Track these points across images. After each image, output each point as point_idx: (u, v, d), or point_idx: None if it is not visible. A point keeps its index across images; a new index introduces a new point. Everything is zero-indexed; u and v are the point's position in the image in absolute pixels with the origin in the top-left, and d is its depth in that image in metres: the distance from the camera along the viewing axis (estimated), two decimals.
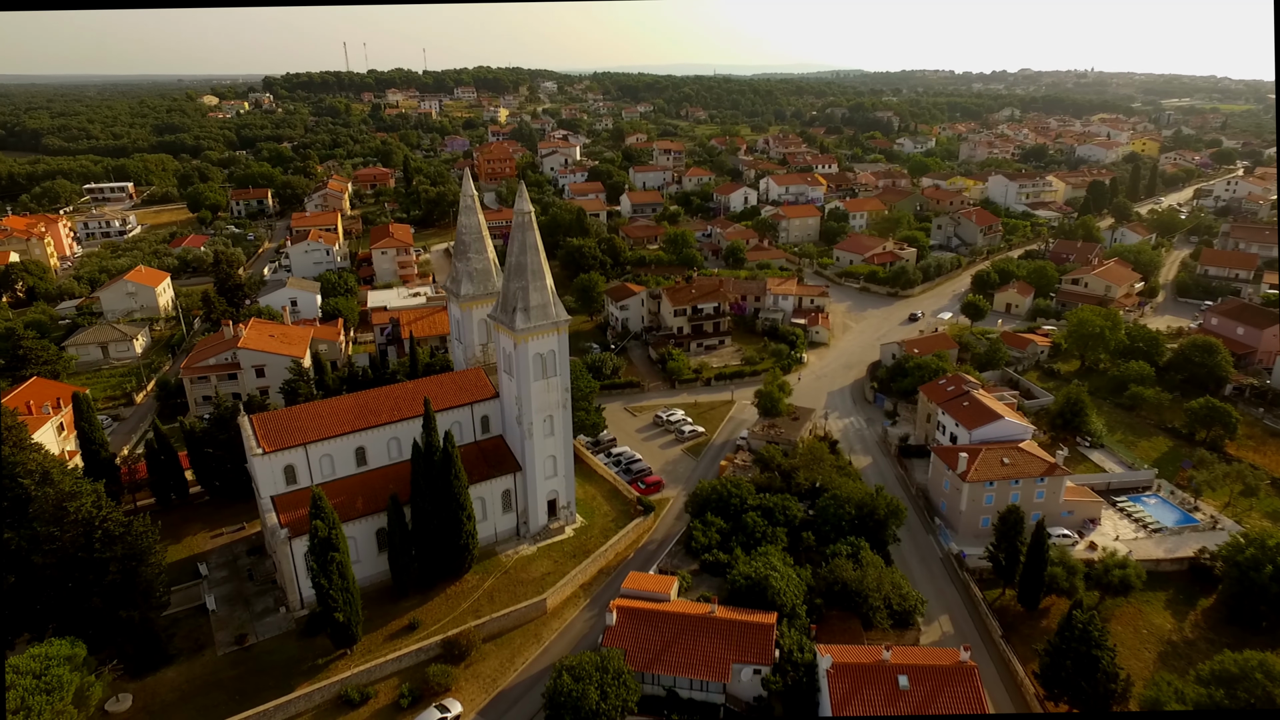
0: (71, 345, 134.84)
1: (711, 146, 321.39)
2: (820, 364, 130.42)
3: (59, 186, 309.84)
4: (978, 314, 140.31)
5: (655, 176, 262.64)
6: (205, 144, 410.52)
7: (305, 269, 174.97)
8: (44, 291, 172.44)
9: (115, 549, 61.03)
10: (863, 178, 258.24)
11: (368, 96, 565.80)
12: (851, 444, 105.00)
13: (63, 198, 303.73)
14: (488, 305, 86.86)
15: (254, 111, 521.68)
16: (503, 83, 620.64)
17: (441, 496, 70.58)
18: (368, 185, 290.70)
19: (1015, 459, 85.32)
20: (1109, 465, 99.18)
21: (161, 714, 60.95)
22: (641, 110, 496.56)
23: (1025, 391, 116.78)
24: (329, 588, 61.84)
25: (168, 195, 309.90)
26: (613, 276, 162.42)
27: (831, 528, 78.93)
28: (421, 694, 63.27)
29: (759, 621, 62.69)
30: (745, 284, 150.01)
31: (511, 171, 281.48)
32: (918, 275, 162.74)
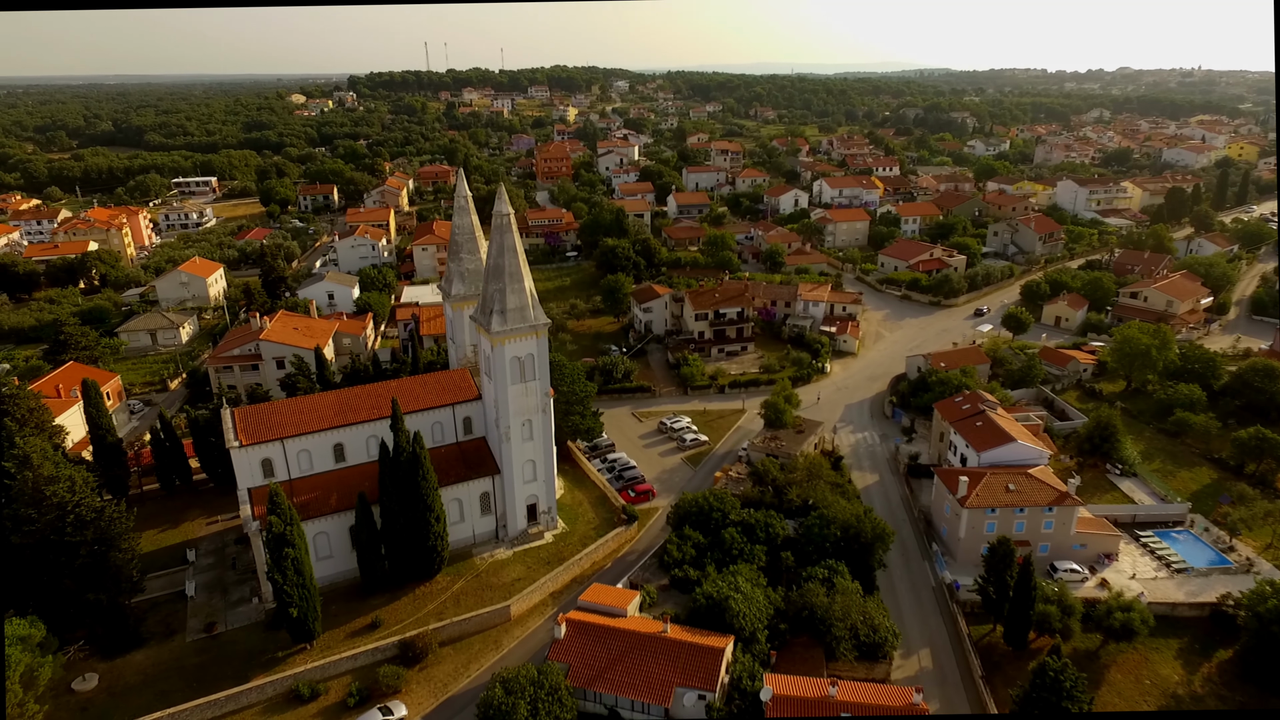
0: (123, 331, 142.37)
1: (772, 147, 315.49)
2: (844, 374, 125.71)
3: (150, 180, 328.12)
4: (1019, 327, 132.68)
5: (709, 177, 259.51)
6: (288, 140, 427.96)
7: (351, 263, 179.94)
8: (114, 279, 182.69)
9: (86, 534, 63.44)
10: (923, 181, 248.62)
11: (445, 95, 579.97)
12: (860, 460, 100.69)
13: (153, 191, 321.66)
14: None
15: (337, 110, 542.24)
16: (576, 82, 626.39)
17: (409, 498, 70.72)
18: (429, 182, 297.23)
19: (1022, 485, 79.87)
20: (1139, 496, 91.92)
21: (122, 696, 63.01)
22: (710, 110, 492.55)
23: (1060, 412, 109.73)
24: (283, 583, 62.67)
25: (246, 190, 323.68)
26: (645, 278, 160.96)
27: (815, 549, 75.58)
28: (371, 694, 63.49)
29: (708, 645, 60.32)
30: (775, 289, 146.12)
31: (567, 171, 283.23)
32: (962, 284, 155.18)
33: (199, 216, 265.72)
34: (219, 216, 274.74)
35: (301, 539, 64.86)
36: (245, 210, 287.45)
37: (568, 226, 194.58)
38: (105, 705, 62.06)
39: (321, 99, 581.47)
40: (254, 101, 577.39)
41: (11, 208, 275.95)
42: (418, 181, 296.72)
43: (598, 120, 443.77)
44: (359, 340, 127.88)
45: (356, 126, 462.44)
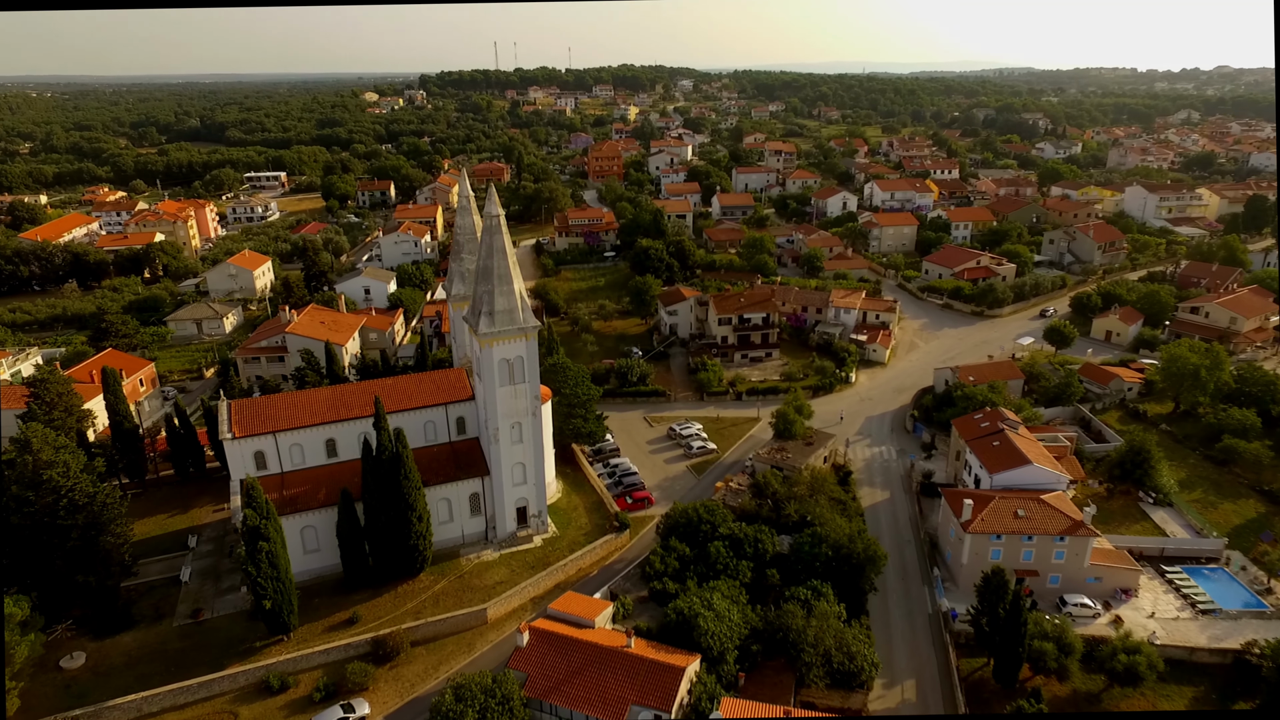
0: (171, 320, 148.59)
1: (829, 148, 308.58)
2: (869, 385, 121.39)
3: (224, 174, 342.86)
4: (1063, 341, 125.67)
5: (759, 178, 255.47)
6: (356, 137, 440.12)
7: (394, 259, 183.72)
8: (174, 270, 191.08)
9: (78, 518, 65.81)
10: (982, 185, 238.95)
11: (511, 94, 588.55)
12: (873, 476, 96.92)
13: (226, 184, 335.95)
14: None
15: (406, 108, 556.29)
16: (641, 81, 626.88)
17: (390, 496, 71.03)
18: (483, 179, 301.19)
19: (1032, 512, 75.23)
20: (1172, 527, 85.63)
21: (105, 676, 65.14)
22: (772, 109, 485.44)
23: (1096, 433, 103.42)
24: (257, 576, 63.65)
25: (312, 185, 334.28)
26: (679, 280, 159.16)
27: (804, 568, 72.85)
28: (338, 690, 64.00)
29: (669, 663, 58.52)
30: (807, 294, 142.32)
31: (618, 170, 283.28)
32: (1008, 294, 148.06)
33: (263, 210, 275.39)
34: (283, 210, 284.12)
35: (279, 533, 65.80)
36: (308, 205, 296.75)
37: (607, 226, 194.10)
38: (88, 684, 64.26)
39: (393, 97, 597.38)
40: (330, 99, 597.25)
41: (99, 199, 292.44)
42: (471, 179, 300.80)
43: (657, 120, 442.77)
44: (384, 335, 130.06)
45: (422, 124, 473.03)
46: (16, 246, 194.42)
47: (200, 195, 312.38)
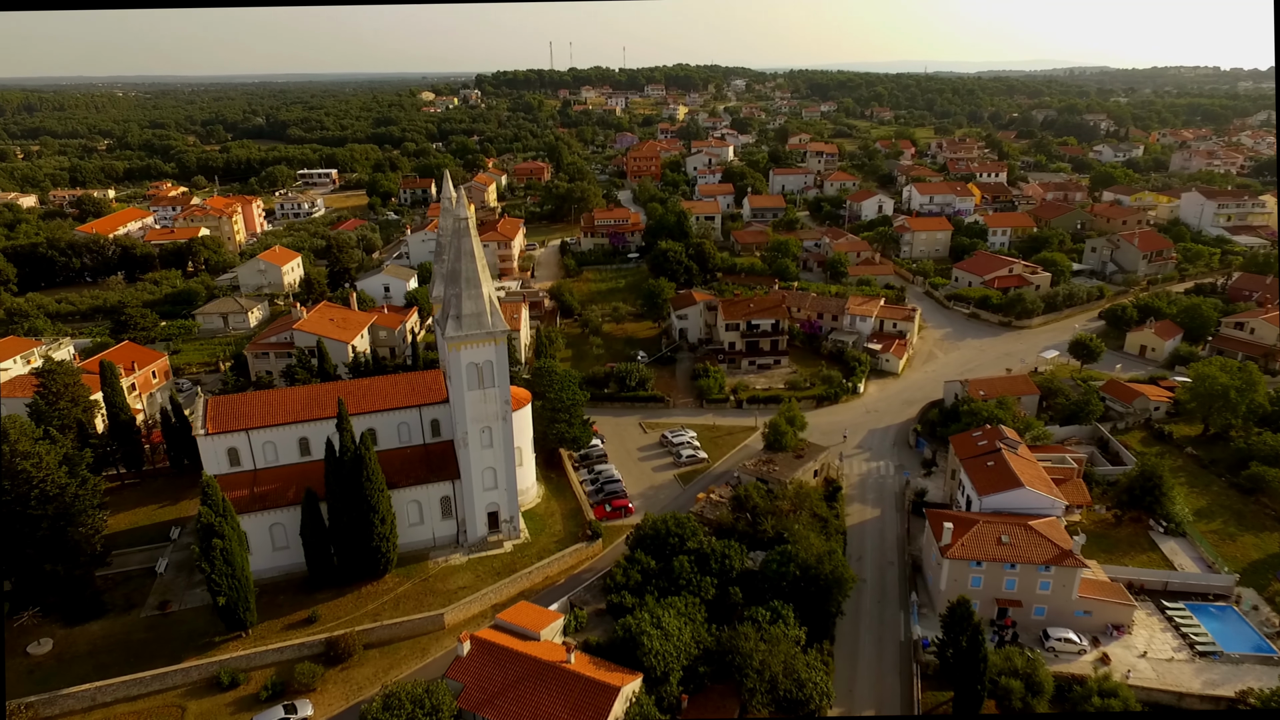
0: (199, 313, 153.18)
1: (874, 149, 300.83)
2: (879, 396, 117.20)
3: (278, 171, 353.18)
4: (1089, 355, 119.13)
5: (796, 180, 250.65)
6: (409, 136, 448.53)
7: (421, 256, 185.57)
8: (214, 264, 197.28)
9: (48, 508, 67.68)
10: (1029, 189, 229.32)
11: (564, 93, 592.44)
12: (865, 492, 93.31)
13: (280, 181, 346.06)
14: None
15: (460, 107, 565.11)
16: (693, 80, 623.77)
17: (353, 497, 71.17)
18: (523, 179, 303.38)
19: (1017, 539, 71.06)
20: (1182, 560, 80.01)
21: (69, 663, 66.85)
22: (824, 109, 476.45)
23: (1114, 455, 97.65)
24: (211, 573, 64.39)
25: (361, 182, 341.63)
26: (697, 283, 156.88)
27: (770, 587, 70.29)
28: (285, 689, 64.28)
29: (605, 682, 56.87)
30: (823, 300, 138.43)
31: (656, 170, 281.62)
32: (1038, 304, 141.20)
33: (310, 206, 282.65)
34: (329, 207, 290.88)
35: (235, 530, 66.44)
36: (353, 201, 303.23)
37: (633, 227, 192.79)
38: (51, 670, 66.03)
39: (449, 96, 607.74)
40: (387, 98, 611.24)
41: (160, 195, 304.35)
42: (512, 178, 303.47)
43: (704, 120, 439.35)
44: (394, 334, 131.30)
45: (473, 123, 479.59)
46: (70, 239, 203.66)
47: (255, 191, 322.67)
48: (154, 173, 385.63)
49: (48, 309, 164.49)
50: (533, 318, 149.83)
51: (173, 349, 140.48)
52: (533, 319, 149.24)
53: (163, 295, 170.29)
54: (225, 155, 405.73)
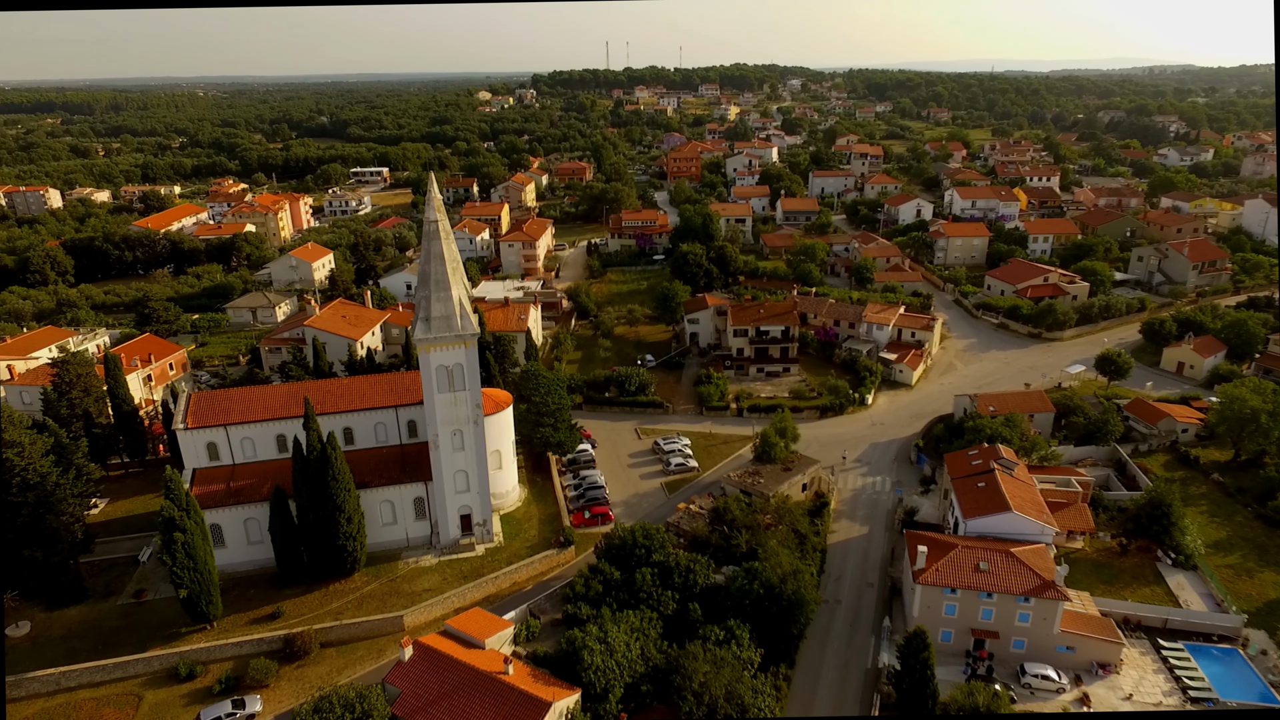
0: (230, 307, 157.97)
1: (922, 151, 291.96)
2: (888, 408, 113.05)
3: (332, 169, 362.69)
4: (1117, 371, 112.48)
5: (835, 182, 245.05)
6: (462, 135, 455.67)
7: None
8: (256, 259, 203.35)
9: (28, 495, 70.04)
10: (1080, 194, 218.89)
11: (617, 93, 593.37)
12: (856, 509, 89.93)
13: (333, 179, 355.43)
14: None
15: (515, 106, 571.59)
16: (749, 80, 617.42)
17: (319, 496, 71.71)
18: (565, 178, 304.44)
19: (996, 566, 67.19)
20: (1188, 595, 74.57)
21: (41, 647, 69.09)
22: (879, 110, 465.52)
23: (1130, 479, 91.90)
24: (172, 565, 65.63)
25: (409, 180, 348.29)
26: (717, 286, 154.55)
27: (732, 604, 68.12)
28: (238, 684, 65.08)
29: (536, 696, 55.73)
30: (841, 307, 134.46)
31: (695, 171, 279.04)
32: (1070, 315, 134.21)
33: (357, 204, 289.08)
34: (376, 205, 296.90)
35: (198, 525, 67.53)
36: (400, 199, 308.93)
37: (660, 229, 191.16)
38: (24, 653, 68.32)
39: (505, 96, 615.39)
40: (446, 98, 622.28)
41: (221, 191, 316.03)
42: (553, 178, 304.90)
43: (755, 120, 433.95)
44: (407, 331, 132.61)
45: (525, 122, 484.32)
46: (125, 233, 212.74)
47: (309, 188, 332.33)
48: (219, 170, 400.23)
49: (95, 300, 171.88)
50: (550, 319, 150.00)
51: (200, 341, 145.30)
52: (549, 320, 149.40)
53: (201, 289, 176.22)
54: (285, 153, 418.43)
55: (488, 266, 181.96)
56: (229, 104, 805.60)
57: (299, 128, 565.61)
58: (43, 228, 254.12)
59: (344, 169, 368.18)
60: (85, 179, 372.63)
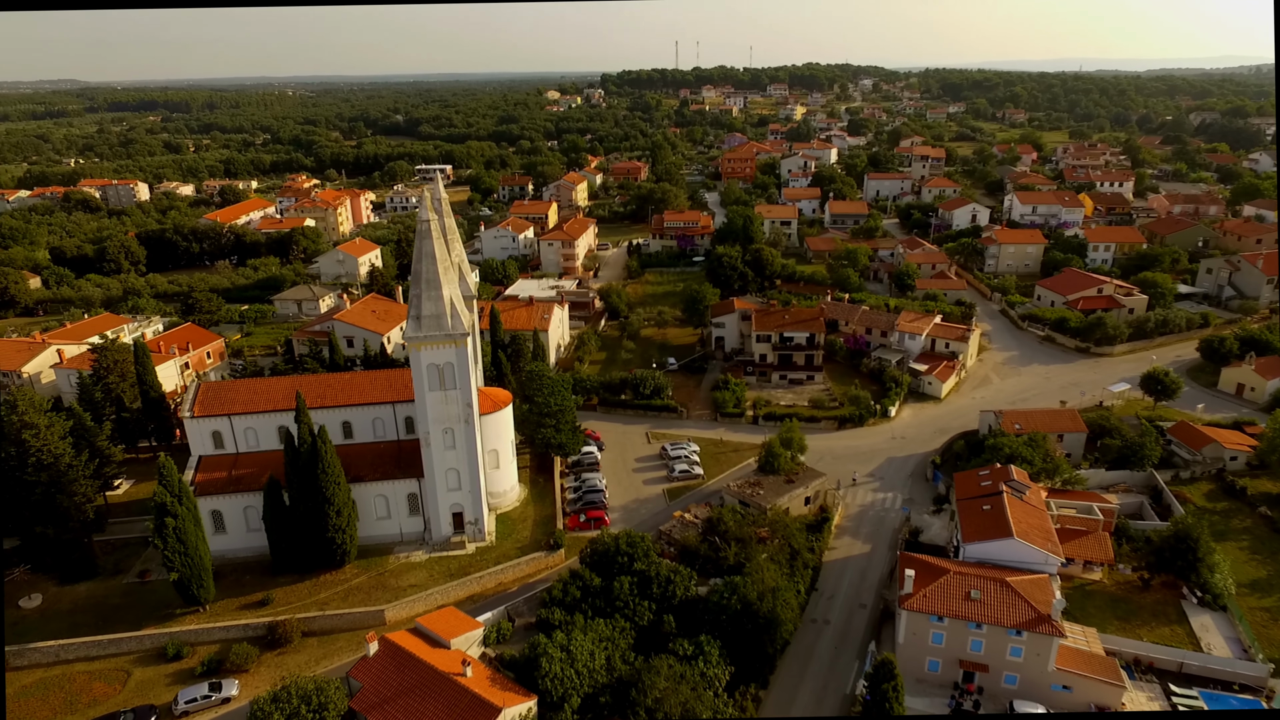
0: (277, 299, 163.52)
1: (989, 154, 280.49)
2: (911, 421, 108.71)
3: (398, 167, 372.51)
4: (1164, 391, 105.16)
5: (892, 185, 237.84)
6: (526, 134, 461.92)
7: (493, 252, 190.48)
8: (312, 253, 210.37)
9: (42, 475, 73.64)
10: (1153, 201, 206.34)
11: (684, 92, 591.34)
12: (861, 526, 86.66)
13: (399, 176, 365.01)
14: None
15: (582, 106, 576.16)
16: (818, 80, 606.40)
17: (309, 488, 73.15)
18: (620, 178, 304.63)
19: (989, 595, 63.43)
20: (1213, 639, 68.97)
21: (48, 620, 72.58)
22: (951, 111, 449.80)
23: (1165, 507, 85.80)
24: (164, 549, 67.96)
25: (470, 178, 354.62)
26: (752, 290, 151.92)
27: (709, 619, 66.42)
28: (219, 667, 66.92)
29: (487, 700, 55.30)
30: (874, 315, 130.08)
31: (749, 172, 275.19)
32: (1122, 330, 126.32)
33: (416, 201, 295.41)
34: None
35: (190, 511, 69.73)
36: (458, 197, 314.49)
37: (702, 230, 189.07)
38: (32, 624, 71.93)
39: (573, 95, 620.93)
40: (515, 97, 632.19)
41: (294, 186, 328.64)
42: (607, 177, 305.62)
43: (820, 121, 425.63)
44: None
45: (589, 122, 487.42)
46: (193, 226, 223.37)
47: (376, 185, 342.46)
48: (295, 166, 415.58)
49: (159, 289, 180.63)
50: (580, 318, 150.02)
51: (246, 331, 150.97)
52: (579, 319, 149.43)
53: (255, 281, 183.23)
54: (357, 150, 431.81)
55: (528, 265, 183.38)
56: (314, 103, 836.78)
57: (374, 125, 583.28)
58: (128, 219, 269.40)
59: (409, 166, 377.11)
60: (173, 174, 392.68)
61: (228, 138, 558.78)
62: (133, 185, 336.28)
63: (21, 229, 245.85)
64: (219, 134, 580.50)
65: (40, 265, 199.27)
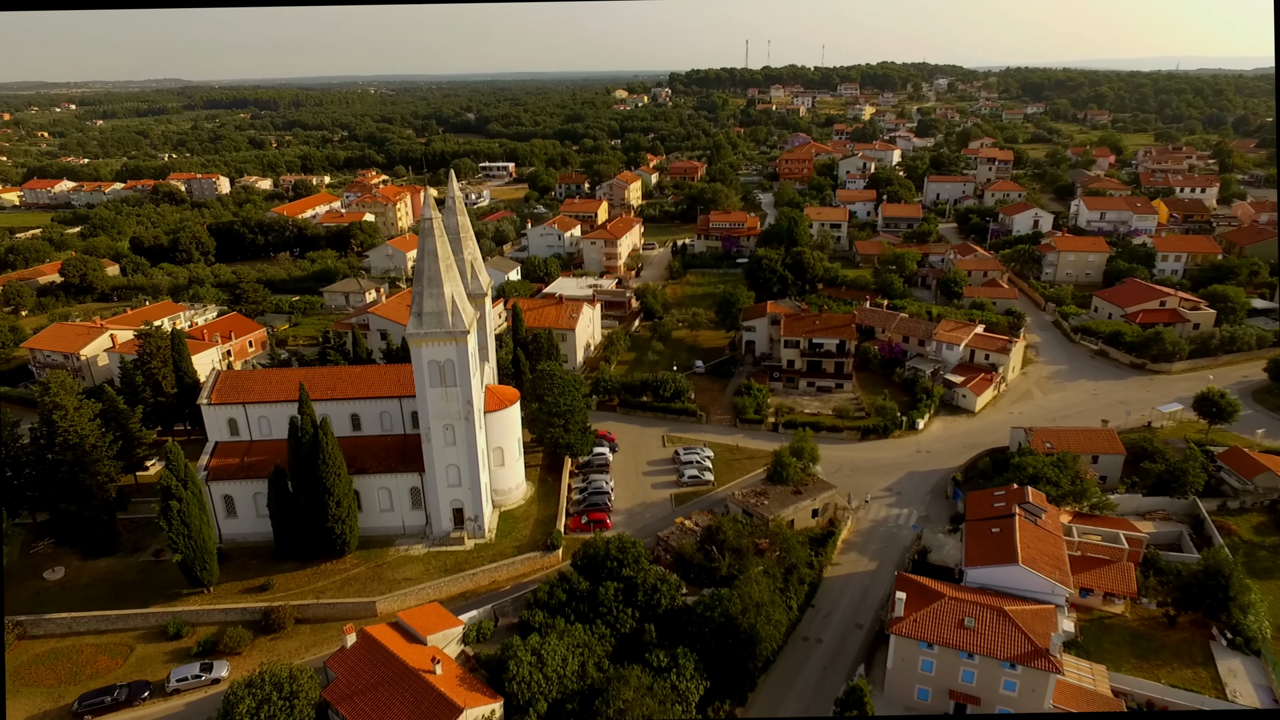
0: (326, 291, 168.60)
1: (1062, 156, 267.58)
2: (940, 435, 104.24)
3: (462, 164, 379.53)
4: (1220, 414, 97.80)
5: (953, 188, 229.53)
6: (590, 132, 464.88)
7: (539, 250, 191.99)
8: (369, 247, 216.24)
9: (67, 454, 77.42)
10: (1237, 209, 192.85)
11: (752, 92, 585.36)
12: (870, 542, 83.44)
13: (463, 173, 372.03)
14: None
15: (648, 105, 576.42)
16: (891, 79, 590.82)
17: (309, 478, 74.72)
18: (676, 177, 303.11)
19: (984, 624, 60.00)
20: (1240, 685, 63.64)
21: (67, 592, 76.26)
22: (1029, 111, 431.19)
23: (1206, 539, 79.86)
24: (168, 531, 70.44)
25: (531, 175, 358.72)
26: (791, 293, 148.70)
27: (693, 630, 64.94)
28: (214, 648, 69.01)
29: (450, 699, 55.23)
30: (912, 323, 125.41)
31: (807, 173, 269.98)
32: (1182, 346, 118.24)
33: (476, 197, 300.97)
34: (494, 198, 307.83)
35: (195, 495, 72.02)
36: (519, 194, 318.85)
37: (748, 231, 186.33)
38: (53, 595, 75.72)
39: (640, 94, 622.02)
40: (583, 96, 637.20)
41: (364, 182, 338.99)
42: (663, 176, 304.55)
43: (887, 121, 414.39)
44: None
45: (654, 121, 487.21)
46: (260, 219, 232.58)
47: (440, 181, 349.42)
48: (367, 162, 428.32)
49: (221, 278, 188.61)
50: (615, 318, 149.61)
51: (294, 322, 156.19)
52: (614, 319, 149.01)
53: (310, 272, 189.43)
54: (425, 147, 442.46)
55: (571, 263, 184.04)
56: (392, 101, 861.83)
57: (446, 123, 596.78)
58: (207, 211, 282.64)
59: (474, 163, 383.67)
60: (254, 168, 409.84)
61: (308, 134, 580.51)
62: (215, 179, 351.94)
63: (111, 219, 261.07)
64: (300, 130, 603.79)
65: (120, 254, 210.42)
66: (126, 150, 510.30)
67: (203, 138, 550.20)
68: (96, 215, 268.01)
